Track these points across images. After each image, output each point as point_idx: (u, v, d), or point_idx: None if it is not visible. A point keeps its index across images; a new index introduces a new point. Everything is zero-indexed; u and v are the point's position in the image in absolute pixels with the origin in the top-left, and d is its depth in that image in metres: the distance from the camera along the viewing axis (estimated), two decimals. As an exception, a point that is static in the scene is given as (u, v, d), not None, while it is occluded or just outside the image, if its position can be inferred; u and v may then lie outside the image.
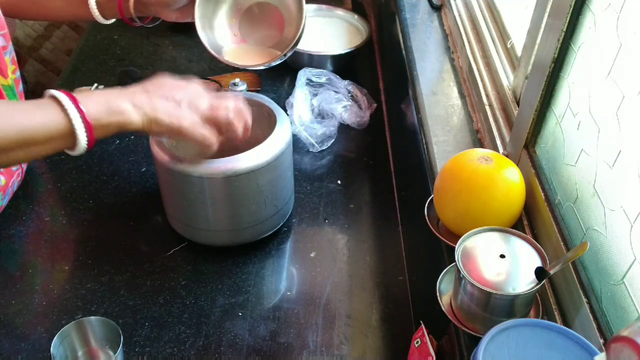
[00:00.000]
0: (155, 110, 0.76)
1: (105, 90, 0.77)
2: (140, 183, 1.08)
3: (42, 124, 0.70)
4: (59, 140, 0.71)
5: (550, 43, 0.69)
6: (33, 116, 0.70)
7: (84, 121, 0.71)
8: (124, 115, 0.74)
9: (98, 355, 0.80)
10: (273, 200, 0.93)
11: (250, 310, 0.88)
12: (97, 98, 0.74)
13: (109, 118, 0.73)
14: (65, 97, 0.70)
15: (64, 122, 0.70)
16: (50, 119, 0.70)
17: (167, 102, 0.77)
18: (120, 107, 0.74)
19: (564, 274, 0.64)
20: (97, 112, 0.72)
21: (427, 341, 0.72)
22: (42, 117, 0.70)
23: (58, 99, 0.70)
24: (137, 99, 0.76)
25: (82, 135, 0.71)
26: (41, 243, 0.97)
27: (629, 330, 0.39)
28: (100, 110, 0.73)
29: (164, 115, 0.77)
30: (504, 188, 0.71)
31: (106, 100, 0.74)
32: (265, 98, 0.99)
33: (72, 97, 0.71)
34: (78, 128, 0.70)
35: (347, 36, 1.41)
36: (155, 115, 0.76)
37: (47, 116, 0.70)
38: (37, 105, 0.71)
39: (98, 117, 0.72)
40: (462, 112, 0.99)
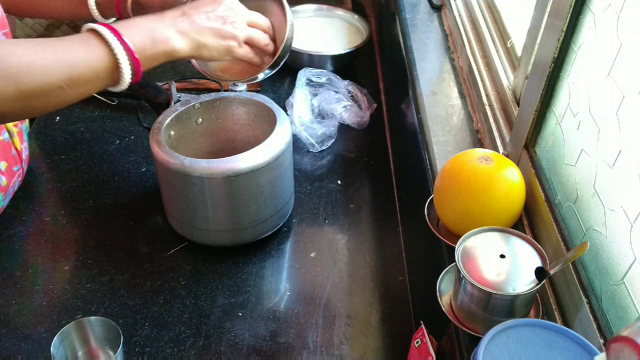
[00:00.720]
0: (202, 34, 0.75)
1: (144, 17, 0.75)
2: (140, 183, 1.08)
3: (87, 62, 0.69)
4: (105, 77, 0.70)
5: (550, 43, 0.69)
6: (78, 53, 0.68)
7: (130, 55, 0.70)
8: (170, 44, 0.73)
9: (98, 355, 0.80)
10: (273, 200, 0.93)
11: (250, 310, 0.88)
12: (140, 28, 0.72)
13: (154, 49, 0.72)
14: (107, 31, 0.69)
15: (109, 58, 0.69)
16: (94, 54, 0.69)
17: (210, 22, 0.76)
18: (164, 35, 0.73)
19: (564, 274, 0.64)
20: (142, 43, 0.71)
21: (427, 341, 0.72)
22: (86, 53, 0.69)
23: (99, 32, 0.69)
24: (181, 25, 0.74)
25: (127, 71, 0.70)
26: (41, 243, 0.97)
27: (629, 331, 0.39)
28: (144, 42, 0.71)
29: (211, 38, 0.76)
30: (504, 188, 0.71)
31: (149, 30, 0.72)
32: (265, 98, 0.99)
33: (115, 30, 0.69)
34: (123, 63, 0.69)
35: (347, 36, 1.41)
36: (202, 39, 0.75)
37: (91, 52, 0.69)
38: (80, 41, 0.69)
39: (143, 48, 0.71)
40: (462, 112, 0.99)
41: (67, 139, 1.17)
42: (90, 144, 1.16)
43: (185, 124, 0.98)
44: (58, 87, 0.68)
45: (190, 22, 0.75)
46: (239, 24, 0.80)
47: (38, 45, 0.69)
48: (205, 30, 0.76)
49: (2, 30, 0.90)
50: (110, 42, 0.69)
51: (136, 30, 0.71)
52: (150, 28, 0.72)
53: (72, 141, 1.16)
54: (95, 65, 0.69)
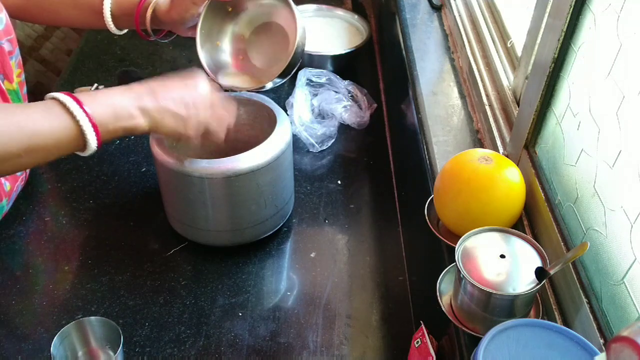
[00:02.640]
0: (162, 115, 0.74)
1: (109, 90, 0.75)
2: (140, 183, 1.08)
3: (49, 129, 0.67)
4: (67, 145, 0.69)
5: (550, 43, 0.69)
6: (39, 121, 0.67)
7: (92, 124, 0.68)
8: (132, 121, 0.72)
9: (98, 356, 0.80)
10: (273, 201, 0.93)
11: (251, 310, 0.88)
12: (103, 101, 0.71)
13: (116, 123, 0.71)
14: (71, 100, 0.68)
15: (72, 126, 0.68)
16: (57, 123, 0.67)
17: (175, 107, 0.75)
18: (127, 111, 0.72)
19: (564, 274, 0.64)
20: (105, 116, 0.70)
21: (427, 341, 0.72)
22: (48, 122, 0.67)
23: (63, 103, 0.68)
24: (145, 102, 0.73)
25: (92, 137, 0.69)
26: (41, 243, 0.97)
27: (629, 331, 0.39)
28: (108, 116, 0.70)
29: (171, 120, 0.75)
30: (504, 188, 0.71)
31: (112, 104, 0.71)
32: (265, 98, 0.99)
33: (77, 99, 0.68)
34: (87, 131, 0.68)
35: (347, 36, 1.41)
36: (161, 121, 0.75)
37: (54, 121, 0.67)
38: (42, 110, 0.68)
39: (105, 122, 0.70)
40: (462, 112, 0.99)
41: (67, 139, 1.17)
42: (90, 144, 1.16)
43: (186, 124, 0.98)
44: (16, 155, 0.66)
45: (154, 101, 0.74)
46: (201, 115, 0.79)
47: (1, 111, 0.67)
48: (167, 114, 0.75)
49: (7, 37, 0.90)
50: (74, 112, 0.68)
51: (99, 103, 0.70)
52: (113, 102, 0.71)
53: (72, 141, 1.16)
54: (57, 135, 0.68)
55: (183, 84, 0.78)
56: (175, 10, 0.95)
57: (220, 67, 1.03)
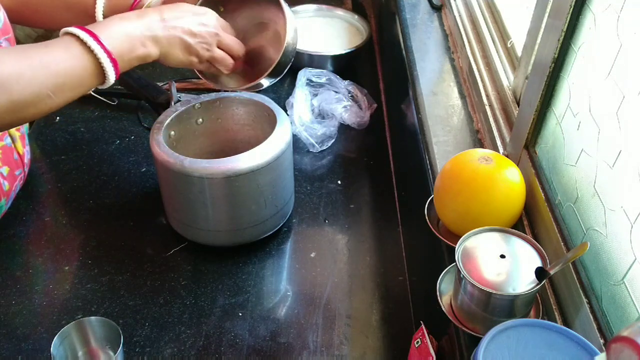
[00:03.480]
0: (172, 44, 0.80)
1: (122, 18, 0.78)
2: (140, 183, 1.08)
3: (72, 67, 0.71)
4: (90, 79, 0.74)
5: (550, 43, 0.69)
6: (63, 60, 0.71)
7: (110, 59, 0.73)
8: (144, 49, 0.78)
9: (98, 356, 0.80)
10: (273, 201, 0.93)
11: (251, 310, 0.88)
12: (117, 32, 0.75)
13: (131, 53, 0.76)
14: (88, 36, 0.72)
15: (92, 62, 0.72)
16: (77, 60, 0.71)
17: (183, 35, 0.80)
18: (140, 40, 0.77)
19: (564, 274, 0.64)
20: (121, 47, 0.75)
21: (427, 341, 0.72)
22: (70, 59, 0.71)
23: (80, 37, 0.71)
24: (156, 30, 0.78)
25: (111, 71, 0.74)
26: (41, 243, 0.97)
27: (629, 331, 0.39)
28: (123, 48, 0.75)
29: (178, 50, 0.81)
30: (504, 188, 0.71)
31: (127, 33, 0.76)
32: (265, 98, 0.99)
33: (93, 34, 0.72)
34: (107, 65, 0.73)
35: (347, 36, 1.41)
36: (170, 49, 0.80)
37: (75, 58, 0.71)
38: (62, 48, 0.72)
39: (121, 52, 0.75)
40: (462, 112, 0.99)
41: (67, 139, 1.17)
42: (90, 144, 1.16)
43: (186, 124, 0.98)
44: (46, 96, 0.70)
45: (164, 30, 0.79)
46: (208, 43, 0.84)
47: (24, 54, 0.71)
48: (175, 42, 0.81)
49: (5, 36, 0.90)
50: (93, 48, 0.72)
51: (114, 34, 0.75)
52: (128, 33, 0.76)
53: (72, 141, 1.16)
54: (80, 72, 0.73)
55: (192, 13, 0.83)
56: None
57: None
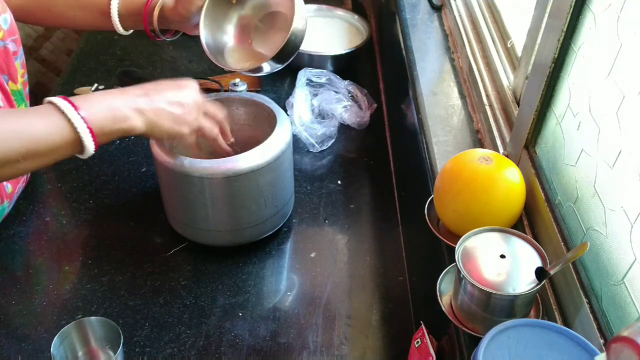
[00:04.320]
0: (159, 116, 0.77)
1: (105, 93, 0.76)
2: (140, 183, 1.08)
3: (46, 134, 0.69)
4: (65, 149, 0.71)
5: (550, 43, 0.69)
6: (37, 127, 0.68)
7: (88, 128, 0.70)
8: (127, 122, 0.74)
9: (98, 356, 0.80)
10: (273, 201, 0.93)
11: (251, 310, 0.88)
12: (99, 104, 0.73)
13: (113, 126, 0.73)
14: (67, 105, 0.69)
15: (69, 131, 0.69)
16: (53, 128, 0.69)
17: (169, 107, 0.78)
18: (124, 114, 0.74)
19: (564, 274, 0.64)
20: (103, 120, 0.72)
21: (427, 341, 0.72)
22: (46, 127, 0.69)
23: (59, 107, 0.69)
24: (140, 104, 0.76)
25: (89, 141, 0.71)
26: (41, 243, 0.97)
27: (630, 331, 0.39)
28: (105, 119, 0.72)
29: (166, 122, 0.78)
30: (504, 188, 0.71)
31: (109, 107, 0.73)
32: (265, 98, 0.99)
33: (73, 104, 0.70)
34: (84, 135, 0.70)
35: (347, 36, 1.41)
36: (158, 122, 0.77)
37: (50, 126, 0.69)
38: (39, 115, 0.69)
39: (101, 125, 0.72)
40: (462, 112, 0.99)
41: (67, 139, 1.17)
42: (90, 144, 1.16)
43: (186, 124, 0.98)
44: (15, 160, 0.67)
45: (149, 103, 0.77)
46: (195, 114, 0.83)
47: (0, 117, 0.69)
48: (163, 114, 0.78)
49: (11, 37, 0.90)
50: (70, 117, 0.69)
51: (97, 106, 0.72)
52: (110, 105, 0.73)
53: (72, 141, 1.16)
54: (55, 141, 0.69)
55: (175, 85, 0.82)
56: (181, 4, 0.95)
57: (222, 50, 1.02)
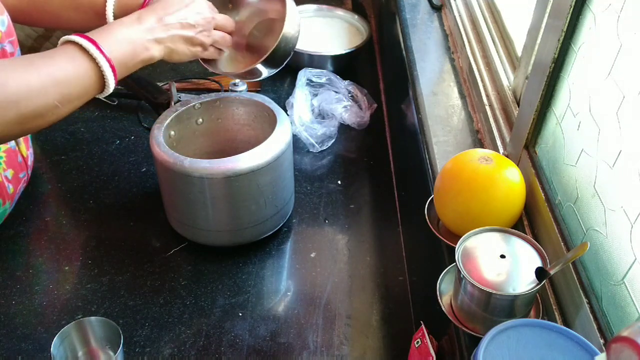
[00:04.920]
0: (175, 42, 0.82)
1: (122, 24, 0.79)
2: (140, 183, 1.08)
3: (76, 76, 0.73)
4: (92, 89, 0.75)
5: (550, 43, 0.69)
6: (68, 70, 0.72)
7: (111, 66, 0.74)
8: (148, 53, 0.80)
9: (98, 356, 0.80)
10: (273, 201, 0.93)
11: (251, 310, 0.88)
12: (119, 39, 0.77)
13: (135, 59, 0.78)
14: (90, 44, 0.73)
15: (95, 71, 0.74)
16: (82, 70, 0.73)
17: (183, 30, 0.83)
18: (143, 45, 0.79)
19: (564, 274, 0.64)
20: (124, 56, 0.76)
21: (427, 341, 0.72)
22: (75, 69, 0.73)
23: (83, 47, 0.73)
24: (157, 33, 0.80)
25: (111, 79, 0.75)
26: (42, 243, 0.97)
27: (630, 331, 0.39)
28: (126, 55, 0.77)
29: (183, 45, 0.84)
30: (504, 188, 0.71)
31: (130, 41, 0.77)
32: (265, 98, 0.99)
33: (94, 42, 0.73)
34: (107, 73, 0.74)
35: (347, 36, 1.41)
36: (175, 47, 0.83)
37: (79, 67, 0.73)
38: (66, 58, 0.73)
39: (125, 60, 0.77)
40: (462, 112, 0.99)
41: (68, 139, 1.17)
42: (90, 144, 1.16)
43: (186, 124, 0.98)
44: (54, 107, 0.71)
45: (165, 30, 0.81)
46: (208, 30, 0.87)
47: (31, 66, 0.71)
48: (178, 39, 0.83)
49: (8, 39, 0.90)
50: (97, 58, 0.74)
51: (118, 42, 0.77)
52: (130, 39, 0.78)
53: (72, 141, 1.16)
54: (84, 81, 0.74)
55: (184, 5, 0.85)
56: None
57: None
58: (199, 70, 1.34)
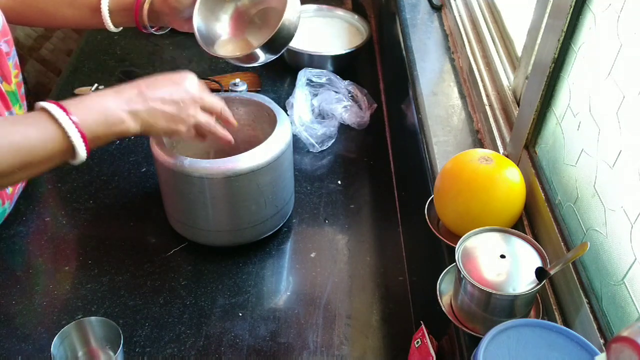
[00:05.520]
0: (154, 117, 0.75)
1: (99, 95, 0.74)
2: (140, 183, 1.08)
3: (41, 143, 0.67)
4: (58, 155, 0.69)
5: (550, 43, 0.69)
6: (32, 136, 0.67)
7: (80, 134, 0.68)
8: (122, 126, 0.73)
9: (98, 356, 0.80)
10: (273, 201, 0.93)
11: (251, 310, 0.88)
12: (92, 108, 0.71)
13: (107, 130, 0.72)
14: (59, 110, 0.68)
15: (61, 137, 0.68)
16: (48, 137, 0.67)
17: (165, 107, 0.76)
18: (118, 117, 0.72)
19: (564, 274, 0.64)
20: (96, 127, 0.70)
21: (427, 341, 0.72)
22: (40, 135, 0.67)
23: (51, 113, 0.67)
24: (135, 105, 0.74)
25: (81, 147, 0.69)
26: (42, 243, 0.97)
27: (630, 331, 0.39)
28: (98, 126, 0.71)
29: (162, 122, 0.76)
30: (504, 188, 0.71)
31: (102, 110, 0.71)
32: (265, 98, 0.99)
33: (64, 109, 0.68)
34: (76, 141, 0.68)
35: (347, 36, 1.41)
36: (153, 122, 0.76)
37: (44, 134, 0.67)
38: (32, 123, 0.68)
39: (95, 129, 0.70)
40: (462, 112, 0.99)
41: (67, 139, 1.17)
42: (90, 144, 1.16)
43: (186, 124, 0.98)
44: (11, 172, 0.67)
45: (144, 103, 0.75)
46: (192, 110, 0.80)
47: None
48: (157, 114, 0.76)
49: (3, 38, 0.90)
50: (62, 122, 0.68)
51: (89, 110, 0.70)
52: (103, 108, 0.72)
53: (72, 141, 1.16)
54: (49, 149, 0.68)
55: (171, 82, 0.79)
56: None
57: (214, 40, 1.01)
58: (199, 70, 1.34)
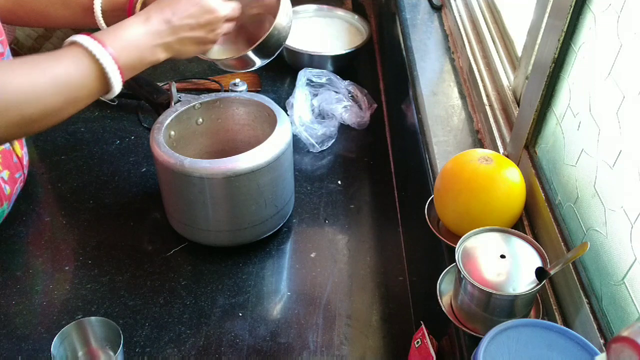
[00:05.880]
0: (184, 44, 0.82)
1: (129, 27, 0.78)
2: (140, 183, 1.08)
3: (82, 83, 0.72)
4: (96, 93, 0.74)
5: (550, 43, 0.69)
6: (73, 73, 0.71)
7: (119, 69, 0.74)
8: (154, 57, 0.79)
9: (98, 356, 0.80)
10: (273, 201, 0.93)
11: (251, 310, 0.88)
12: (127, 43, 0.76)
13: (140, 62, 0.78)
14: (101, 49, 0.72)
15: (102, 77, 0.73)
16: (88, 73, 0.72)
17: (193, 32, 0.82)
18: (151, 51, 0.78)
19: (565, 274, 0.64)
20: (130, 59, 0.76)
21: (427, 342, 0.72)
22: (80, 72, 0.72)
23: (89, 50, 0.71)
24: (166, 37, 0.79)
25: (118, 82, 0.74)
26: (41, 243, 0.97)
27: (630, 331, 0.39)
28: (132, 57, 0.76)
29: (192, 47, 0.83)
30: (504, 188, 0.71)
31: (136, 45, 0.77)
32: (265, 98, 0.99)
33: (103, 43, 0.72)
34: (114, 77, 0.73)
35: (347, 36, 1.41)
36: (184, 49, 0.82)
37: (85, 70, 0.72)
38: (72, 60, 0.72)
39: (132, 64, 0.76)
40: (462, 112, 0.99)
41: (68, 139, 1.17)
42: (90, 144, 1.16)
43: (186, 124, 0.98)
44: (57, 110, 0.71)
45: (174, 35, 0.80)
46: (218, 27, 0.85)
47: (36, 67, 0.70)
48: (187, 41, 0.82)
49: None
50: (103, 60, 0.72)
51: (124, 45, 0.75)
52: (137, 44, 0.77)
53: (72, 141, 1.16)
54: (89, 85, 0.73)
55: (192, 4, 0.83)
56: None
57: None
58: (199, 70, 1.34)
